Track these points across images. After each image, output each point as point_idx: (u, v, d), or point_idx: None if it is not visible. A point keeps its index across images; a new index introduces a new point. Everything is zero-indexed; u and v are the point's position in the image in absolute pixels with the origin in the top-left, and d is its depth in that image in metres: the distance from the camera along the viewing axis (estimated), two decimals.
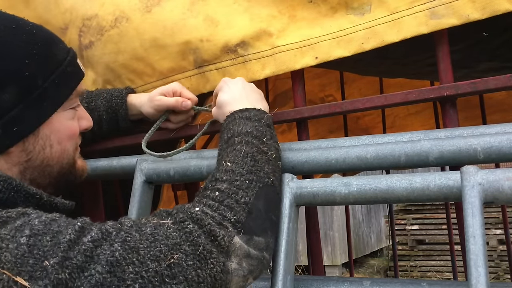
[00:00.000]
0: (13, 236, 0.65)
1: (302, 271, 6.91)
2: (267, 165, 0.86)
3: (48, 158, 0.87)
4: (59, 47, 0.90)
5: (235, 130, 0.90)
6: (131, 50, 1.20)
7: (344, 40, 1.00)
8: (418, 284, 0.83)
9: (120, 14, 1.19)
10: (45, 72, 0.85)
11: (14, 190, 0.80)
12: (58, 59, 0.88)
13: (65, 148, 0.90)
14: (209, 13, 1.11)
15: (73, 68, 0.91)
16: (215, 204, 0.76)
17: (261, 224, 0.79)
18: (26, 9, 1.33)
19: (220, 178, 0.81)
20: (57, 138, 0.88)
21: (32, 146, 0.85)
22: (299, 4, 1.05)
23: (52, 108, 0.86)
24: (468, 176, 0.74)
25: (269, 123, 0.94)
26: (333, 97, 2.24)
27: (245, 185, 0.80)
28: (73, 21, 1.26)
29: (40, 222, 0.67)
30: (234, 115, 0.95)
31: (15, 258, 0.63)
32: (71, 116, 0.91)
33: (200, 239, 0.71)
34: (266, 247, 0.79)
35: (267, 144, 0.89)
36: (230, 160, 0.84)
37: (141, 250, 0.67)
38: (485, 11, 0.88)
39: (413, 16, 0.93)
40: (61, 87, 0.87)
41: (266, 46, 1.07)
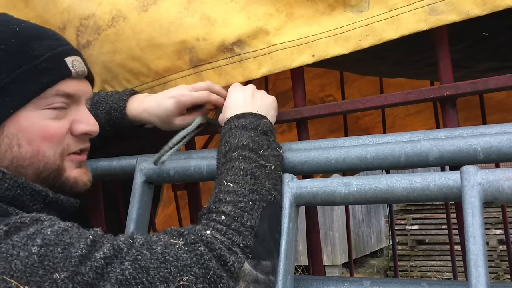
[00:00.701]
0: (25, 244, 0.64)
1: (302, 271, 6.92)
2: (267, 180, 0.85)
3: (17, 158, 0.83)
4: (41, 43, 0.86)
5: (231, 143, 0.90)
6: (127, 50, 1.19)
7: (341, 37, 0.99)
8: (418, 284, 0.83)
9: (117, 13, 1.19)
10: (10, 67, 0.81)
11: (20, 188, 0.80)
12: (31, 55, 0.84)
13: (39, 149, 0.84)
14: (205, 12, 1.11)
15: (52, 65, 0.86)
16: (223, 228, 0.75)
17: (267, 247, 0.78)
18: (26, 8, 1.33)
19: (224, 199, 0.81)
20: (26, 137, 0.83)
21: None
22: (297, 2, 1.04)
23: (14, 104, 0.82)
24: (468, 176, 0.74)
25: (265, 130, 0.93)
26: (333, 97, 2.24)
27: (249, 206, 0.79)
28: (71, 21, 1.26)
29: (52, 232, 0.66)
30: (230, 124, 0.94)
31: (24, 267, 0.62)
32: (49, 116, 0.85)
33: (211, 262, 0.70)
34: (272, 270, 0.79)
35: (264, 156, 0.88)
36: (231, 180, 0.83)
37: (151, 270, 0.66)
38: (485, 7, 0.87)
39: (412, 12, 0.93)
40: (27, 83, 0.82)
41: (262, 44, 1.06)
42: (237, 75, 1.10)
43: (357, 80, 2.18)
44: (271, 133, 0.95)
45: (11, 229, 0.66)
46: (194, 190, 1.32)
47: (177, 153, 1.16)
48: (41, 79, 0.84)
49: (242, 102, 0.99)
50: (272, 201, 0.83)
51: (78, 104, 0.92)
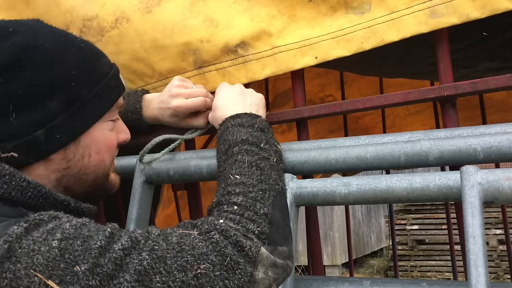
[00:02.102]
0: (45, 239, 0.65)
1: (302, 271, 6.92)
2: (272, 171, 0.87)
3: (85, 167, 0.88)
4: (102, 61, 0.92)
5: (230, 140, 0.91)
6: (131, 51, 1.20)
7: (343, 39, 1.00)
8: (418, 284, 0.83)
9: (120, 15, 1.19)
10: (90, 83, 0.86)
11: (42, 197, 0.81)
12: (102, 72, 0.90)
13: (103, 158, 0.91)
14: (209, 14, 1.11)
15: (116, 81, 0.93)
16: (236, 217, 0.77)
17: (282, 233, 0.80)
18: (26, 9, 1.33)
19: (233, 191, 0.82)
20: (96, 148, 0.89)
21: (73, 154, 0.86)
22: (299, 4, 1.04)
23: (94, 118, 0.88)
24: (468, 176, 0.74)
25: (262, 127, 0.94)
26: (333, 97, 2.24)
27: (260, 195, 0.81)
28: (74, 22, 1.26)
29: (71, 226, 0.68)
30: (226, 123, 0.96)
31: (46, 261, 0.63)
32: (110, 128, 0.92)
33: (227, 249, 0.71)
34: (289, 255, 0.80)
35: (265, 149, 0.90)
36: (237, 173, 0.84)
37: (168, 260, 0.68)
38: (485, 10, 0.88)
39: (413, 15, 0.93)
40: (103, 99, 0.89)
41: (266, 46, 1.07)
42: (241, 77, 1.10)
43: (357, 80, 2.18)
44: (268, 130, 0.96)
45: (30, 226, 0.67)
46: (194, 190, 1.32)
47: (177, 153, 1.16)
48: (111, 95, 0.91)
49: (232, 101, 1.01)
50: (280, 190, 0.85)
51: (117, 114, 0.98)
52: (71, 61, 0.85)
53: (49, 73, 0.82)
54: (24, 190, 0.79)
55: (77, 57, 0.86)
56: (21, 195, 0.79)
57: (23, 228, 0.66)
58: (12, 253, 0.64)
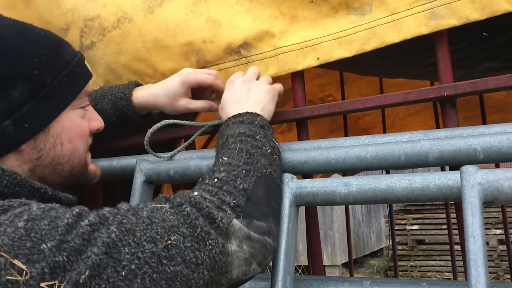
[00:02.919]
0: (12, 221, 0.65)
1: (302, 271, 6.92)
2: (263, 158, 0.86)
3: (59, 156, 0.88)
4: (66, 48, 0.92)
5: (228, 134, 0.92)
6: (133, 51, 1.20)
7: (345, 40, 1.00)
8: (418, 284, 0.83)
9: (122, 15, 1.19)
10: (54, 71, 0.86)
11: (18, 185, 0.81)
12: (66, 59, 0.90)
13: (76, 147, 0.91)
14: (211, 14, 1.11)
15: (81, 68, 0.93)
16: (214, 190, 0.77)
17: (261, 210, 0.79)
18: (26, 9, 1.33)
19: (218, 169, 0.82)
20: (67, 136, 0.89)
21: (43, 143, 0.86)
22: (300, 5, 1.05)
23: (61, 105, 0.88)
24: (467, 176, 0.74)
25: (262, 124, 0.94)
26: (333, 97, 2.24)
27: (243, 174, 0.80)
28: (75, 22, 1.26)
29: (38, 209, 0.68)
30: (227, 122, 0.96)
31: (12, 241, 0.63)
32: (80, 115, 0.92)
33: (198, 221, 0.71)
34: (268, 231, 0.78)
35: (261, 141, 0.89)
36: (225, 156, 0.85)
37: (137, 232, 0.67)
38: (484, 11, 0.88)
39: (413, 16, 0.93)
40: (69, 86, 0.89)
41: (268, 47, 1.07)
42: None
43: (357, 80, 2.18)
44: (268, 127, 0.95)
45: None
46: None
47: (176, 153, 1.16)
48: (78, 81, 0.92)
49: (237, 100, 1.00)
50: (268, 174, 0.84)
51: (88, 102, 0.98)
52: (32, 50, 0.85)
53: (9, 63, 0.82)
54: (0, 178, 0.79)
55: (37, 46, 0.86)
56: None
57: None
58: None
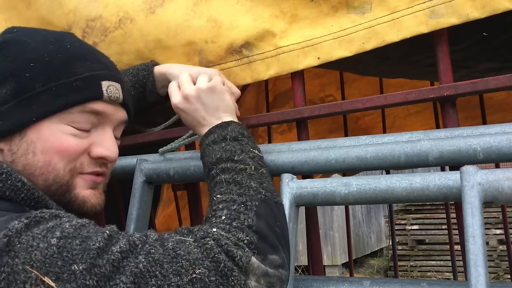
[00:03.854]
0: (44, 236, 0.66)
1: (302, 271, 6.92)
2: (252, 181, 0.86)
3: (29, 165, 0.83)
4: (84, 63, 0.87)
5: (208, 162, 0.92)
6: (135, 51, 1.20)
7: (345, 40, 1.00)
8: (418, 284, 0.83)
9: (124, 15, 1.19)
10: (47, 78, 0.84)
11: (35, 201, 0.81)
12: (71, 72, 0.85)
13: (51, 161, 0.84)
14: (212, 14, 1.11)
15: (85, 84, 0.86)
16: (226, 226, 0.77)
17: (270, 242, 0.79)
18: (27, 10, 1.33)
19: (217, 208, 0.82)
20: (41, 146, 0.83)
21: (16, 147, 0.84)
22: (301, 3, 1.05)
23: (40, 113, 0.83)
24: (467, 176, 0.74)
25: (235, 136, 0.93)
26: (333, 97, 2.24)
27: (242, 208, 0.81)
28: (77, 22, 1.26)
29: (70, 226, 0.68)
30: (203, 145, 0.96)
31: (44, 258, 0.64)
32: (70, 132, 0.85)
33: (221, 256, 0.71)
34: (282, 264, 0.79)
35: (240, 160, 0.89)
36: (218, 193, 0.85)
37: (164, 264, 0.68)
38: (484, 10, 0.88)
39: (413, 15, 0.93)
40: (58, 96, 0.84)
41: (269, 46, 1.07)
42: (246, 77, 1.11)
43: (357, 80, 2.18)
44: (242, 136, 0.94)
45: (31, 222, 0.68)
46: (194, 190, 1.32)
47: (177, 153, 1.16)
48: (71, 96, 0.85)
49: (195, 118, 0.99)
50: (263, 199, 0.84)
51: (104, 127, 0.91)
52: (38, 56, 0.85)
53: (9, 63, 0.84)
54: (18, 191, 0.79)
55: (49, 54, 0.85)
56: (14, 195, 0.79)
57: (24, 224, 0.67)
58: (11, 248, 0.64)
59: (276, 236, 0.81)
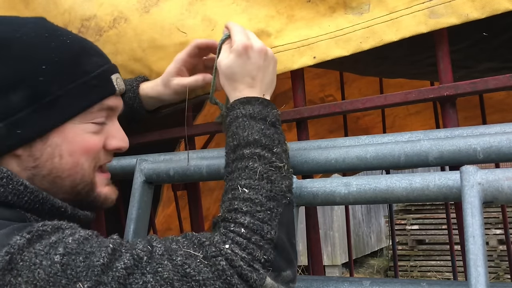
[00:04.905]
0: (47, 252, 0.65)
1: (302, 271, 6.92)
2: (283, 181, 0.82)
3: (57, 168, 0.83)
4: (91, 59, 0.88)
5: (241, 136, 0.85)
6: (129, 51, 1.19)
7: (342, 39, 0.99)
8: (418, 284, 0.83)
9: (118, 15, 1.19)
10: (63, 80, 0.82)
11: (39, 203, 0.80)
12: (83, 70, 0.85)
13: (78, 161, 0.85)
14: (207, 14, 1.11)
15: (100, 82, 0.87)
16: (243, 242, 0.74)
17: (286, 257, 0.77)
18: (26, 9, 1.33)
19: (240, 208, 0.78)
20: (68, 149, 0.84)
21: (39, 152, 0.82)
22: (297, 4, 1.04)
23: (63, 116, 0.83)
24: (467, 176, 0.74)
25: (274, 121, 0.88)
26: (333, 97, 2.24)
27: (267, 216, 0.77)
28: (72, 22, 1.26)
29: (73, 241, 0.67)
30: (235, 111, 0.88)
31: (48, 277, 0.63)
32: (91, 130, 0.87)
33: (234, 279, 0.70)
34: (293, 278, 0.78)
35: (277, 154, 0.84)
36: (246, 185, 0.80)
37: (175, 282, 0.67)
38: (484, 10, 0.88)
39: (412, 15, 0.93)
40: (78, 97, 0.84)
41: None
42: None
43: (357, 80, 2.18)
44: (279, 123, 0.90)
45: (33, 237, 0.66)
46: (194, 190, 1.32)
47: (177, 153, 1.16)
48: (90, 95, 0.86)
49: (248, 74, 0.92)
50: (287, 204, 0.81)
51: (113, 118, 0.93)
52: (45, 56, 0.82)
53: (16, 66, 0.80)
54: (21, 195, 0.78)
55: (55, 52, 0.83)
56: (17, 199, 0.78)
57: (26, 239, 0.66)
58: (13, 266, 0.64)
59: (292, 248, 0.79)
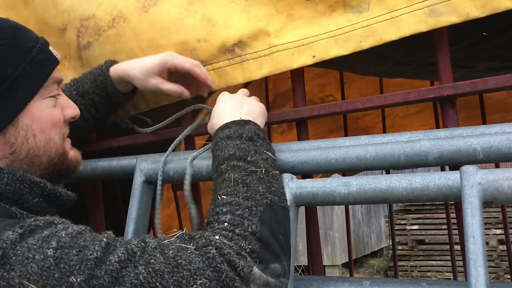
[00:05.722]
0: (40, 246, 0.65)
1: (302, 271, 6.92)
2: (260, 184, 0.84)
3: (33, 148, 0.86)
4: (26, 35, 0.88)
5: (219, 156, 0.90)
6: (128, 50, 1.19)
7: (342, 38, 0.99)
8: (417, 284, 0.83)
9: (117, 14, 1.19)
10: (14, 61, 0.83)
11: (19, 181, 0.81)
12: (27, 47, 0.86)
13: (50, 136, 0.88)
14: (206, 13, 1.11)
15: (45, 55, 0.89)
16: (229, 234, 0.75)
17: (272, 250, 0.78)
18: (25, 9, 1.33)
19: (221, 211, 0.80)
20: (39, 127, 0.86)
21: (14, 137, 0.83)
22: (297, 3, 1.04)
23: (27, 96, 0.84)
24: (467, 176, 0.74)
25: (251, 136, 0.91)
26: (333, 97, 2.24)
27: (247, 213, 0.79)
28: (71, 22, 1.26)
29: (67, 235, 0.67)
30: (216, 137, 0.94)
31: (41, 270, 0.63)
32: (51, 104, 0.89)
33: (223, 265, 0.70)
34: (283, 272, 0.78)
35: (253, 162, 0.87)
36: (224, 193, 0.83)
37: (165, 274, 0.67)
38: (484, 9, 0.88)
39: (412, 14, 0.93)
40: (33, 74, 0.85)
41: (263, 45, 1.06)
42: (238, 76, 1.10)
43: (357, 80, 2.18)
44: (258, 137, 0.93)
45: (26, 232, 0.66)
46: (194, 190, 1.32)
47: (176, 153, 1.16)
48: (42, 69, 0.87)
49: (228, 110, 0.99)
50: (269, 204, 0.82)
51: (59, 90, 0.95)
52: None
53: None
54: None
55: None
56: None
57: (18, 234, 0.65)
58: (6, 260, 0.63)
59: (278, 244, 0.80)
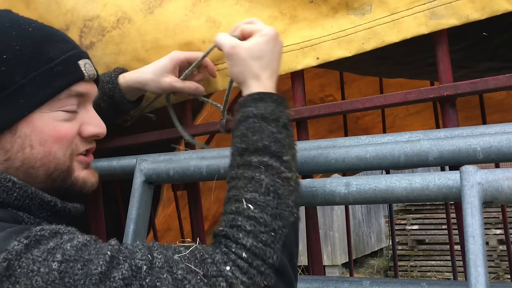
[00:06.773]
0: (45, 259, 0.64)
1: (302, 271, 6.92)
2: (290, 196, 0.77)
3: (29, 159, 0.83)
4: (55, 46, 0.86)
5: (250, 139, 0.79)
6: (132, 51, 1.20)
7: (344, 40, 1.00)
8: (417, 284, 0.83)
9: (122, 15, 1.20)
10: (26, 69, 0.82)
11: (29, 198, 0.80)
12: (47, 57, 0.84)
13: (50, 150, 0.85)
14: (211, 15, 1.12)
15: (66, 68, 0.86)
16: (245, 266, 0.70)
17: (287, 279, 0.74)
18: (26, 10, 1.33)
19: (243, 226, 0.73)
20: (38, 138, 0.83)
21: (10, 144, 0.82)
22: (300, 5, 1.05)
23: (30, 106, 0.82)
24: (467, 176, 0.74)
25: (286, 122, 0.83)
26: (333, 97, 2.24)
27: (271, 238, 0.72)
28: (74, 22, 1.26)
29: (72, 247, 0.67)
30: (247, 110, 0.83)
31: (45, 284, 0.63)
32: (62, 118, 0.86)
33: None
34: None
35: (287, 162, 0.79)
36: (251, 199, 0.75)
37: None
38: (484, 11, 0.88)
39: (413, 16, 0.94)
40: (43, 85, 0.83)
41: None
42: None
43: (357, 80, 2.18)
44: (290, 123, 0.85)
45: (31, 243, 0.66)
46: (194, 190, 1.32)
47: (177, 153, 1.16)
48: (56, 82, 0.85)
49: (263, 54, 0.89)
50: (293, 222, 0.76)
51: (86, 105, 0.92)
52: (6, 46, 0.81)
53: None
54: (10, 191, 0.78)
55: (16, 41, 0.82)
56: (7, 196, 0.78)
57: (23, 245, 0.65)
58: (11, 272, 0.63)
59: (293, 269, 0.76)
